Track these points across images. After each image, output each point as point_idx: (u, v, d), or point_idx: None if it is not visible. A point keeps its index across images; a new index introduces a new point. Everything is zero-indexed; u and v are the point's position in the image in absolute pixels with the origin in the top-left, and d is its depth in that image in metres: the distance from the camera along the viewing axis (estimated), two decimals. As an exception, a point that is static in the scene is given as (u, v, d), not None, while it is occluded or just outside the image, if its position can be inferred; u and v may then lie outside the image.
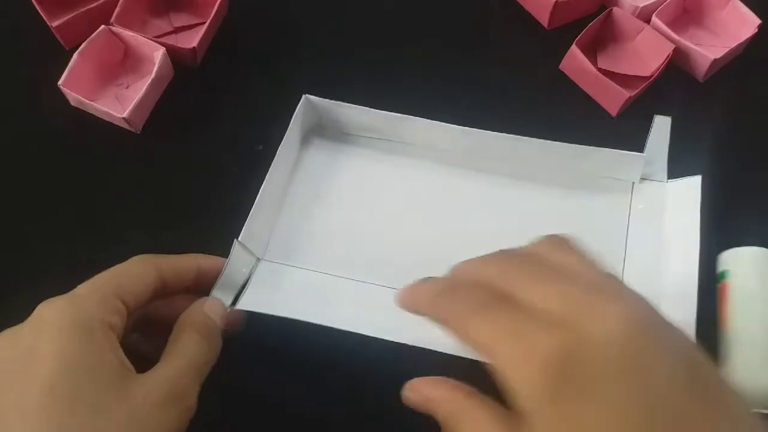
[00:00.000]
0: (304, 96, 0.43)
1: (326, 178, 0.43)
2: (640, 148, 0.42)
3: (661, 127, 0.42)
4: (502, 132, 0.41)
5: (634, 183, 0.43)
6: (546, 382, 0.23)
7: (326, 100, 0.43)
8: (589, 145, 0.41)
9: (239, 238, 0.38)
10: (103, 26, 0.46)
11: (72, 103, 0.46)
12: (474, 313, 0.26)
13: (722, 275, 0.39)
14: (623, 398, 0.22)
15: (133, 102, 0.44)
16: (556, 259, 0.27)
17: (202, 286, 0.35)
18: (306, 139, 0.45)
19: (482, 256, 0.29)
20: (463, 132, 0.42)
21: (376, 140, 0.44)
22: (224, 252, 0.37)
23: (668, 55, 0.45)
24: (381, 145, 0.44)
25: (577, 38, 0.46)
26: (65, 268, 0.40)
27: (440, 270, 0.31)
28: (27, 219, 0.43)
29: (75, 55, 0.45)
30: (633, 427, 0.22)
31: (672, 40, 0.46)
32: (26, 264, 0.32)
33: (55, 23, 0.46)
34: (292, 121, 0.42)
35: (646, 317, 0.24)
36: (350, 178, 0.43)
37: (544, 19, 0.49)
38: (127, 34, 0.46)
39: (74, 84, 0.44)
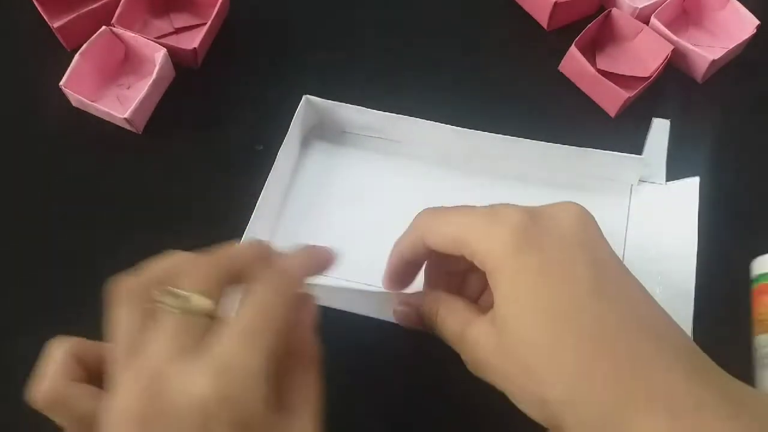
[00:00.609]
0: (304, 96, 0.43)
1: (326, 179, 0.43)
2: (638, 148, 0.42)
3: (660, 129, 0.42)
4: (501, 133, 0.42)
5: (632, 185, 0.43)
6: (513, 239, 0.28)
7: (326, 100, 0.43)
8: (588, 146, 0.41)
9: None
10: (104, 27, 0.46)
11: (73, 104, 0.46)
12: (449, 212, 0.31)
13: None
14: (573, 256, 0.28)
15: (135, 103, 0.44)
16: None
17: None
18: (306, 140, 0.45)
19: None
20: (463, 133, 0.42)
21: (377, 140, 0.44)
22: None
23: (667, 56, 0.46)
24: (381, 146, 0.44)
25: (576, 39, 0.46)
26: (67, 268, 0.40)
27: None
28: (28, 219, 0.43)
29: (76, 56, 0.45)
30: (579, 278, 0.27)
31: (671, 41, 0.46)
32: (25, 264, 0.32)
33: (56, 24, 0.46)
34: (292, 121, 0.42)
35: (594, 220, 0.30)
36: (350, 179, 0.43)
37: (543, 20, 0.50)
38: (128, 35, 0.46)
39: (75, 84, 0.44)
